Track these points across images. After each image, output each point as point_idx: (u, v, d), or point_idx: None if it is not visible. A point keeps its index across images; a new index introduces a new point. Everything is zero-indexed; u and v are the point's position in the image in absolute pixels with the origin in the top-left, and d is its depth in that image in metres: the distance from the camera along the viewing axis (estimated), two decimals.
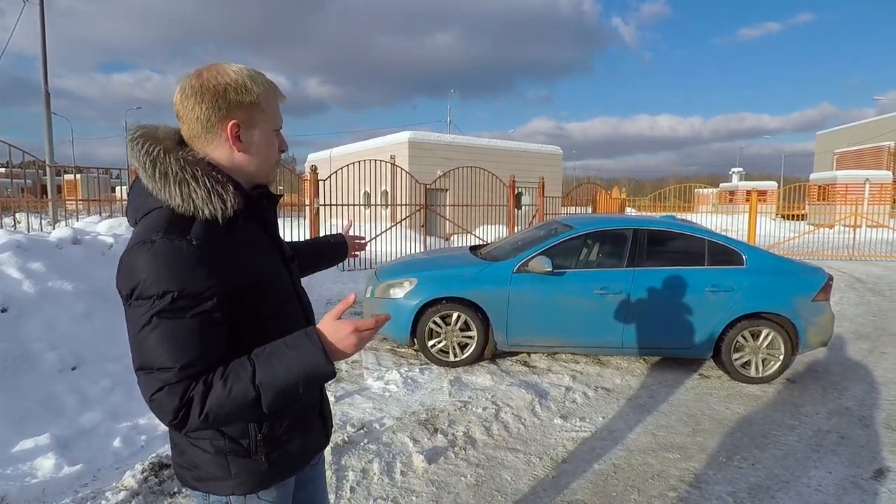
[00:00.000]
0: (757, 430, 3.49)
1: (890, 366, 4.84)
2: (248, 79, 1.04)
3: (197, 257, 0.92)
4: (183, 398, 0.90)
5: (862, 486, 2.82)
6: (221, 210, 0.98)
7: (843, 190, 19.33)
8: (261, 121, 1.06)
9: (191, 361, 0.91)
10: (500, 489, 2.74)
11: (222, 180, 1.01)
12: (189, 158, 1.00)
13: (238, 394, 0.91)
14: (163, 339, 0.90)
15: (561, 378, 4.35)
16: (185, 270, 0.91)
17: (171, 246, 0.92)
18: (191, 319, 0.91)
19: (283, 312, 1.11)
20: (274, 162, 1.13)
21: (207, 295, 0.93)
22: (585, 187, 16.96)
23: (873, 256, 12.86)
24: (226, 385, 0.91)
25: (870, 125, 33.52)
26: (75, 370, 3.49)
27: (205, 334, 0.93)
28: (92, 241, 4.71)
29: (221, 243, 0.98)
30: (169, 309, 0.90)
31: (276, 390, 0.92)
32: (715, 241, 4.56)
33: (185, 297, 0.91)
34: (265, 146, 1.08)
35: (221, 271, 0.96)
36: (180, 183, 0.96)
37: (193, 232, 0.95)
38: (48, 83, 12.72)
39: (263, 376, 0.92)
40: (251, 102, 1.03)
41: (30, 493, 2.43)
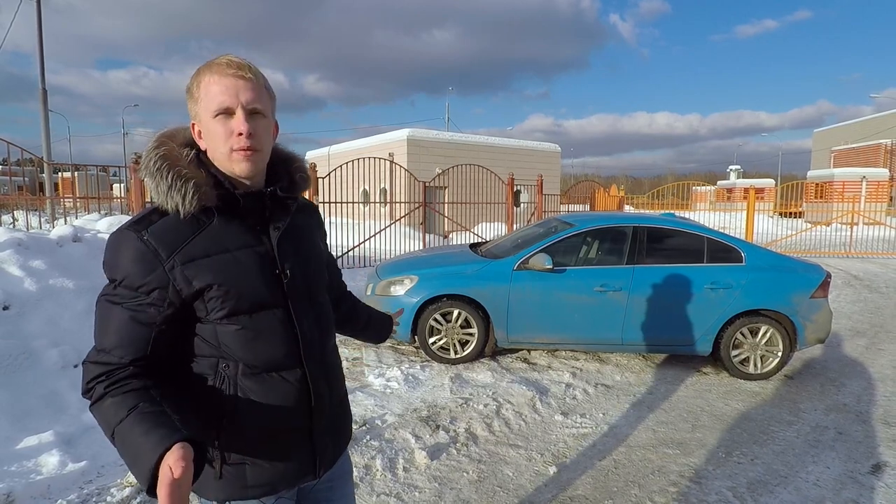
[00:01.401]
0: (756, 426, 3.52)
1: (886, 362, 4.88)
2: (195, 74, 1.01)
3: (141, 252, 0.94)
4: (90, 381, 0.93)
5: (859, 480, 2.85)
6: (179, 204, 0.96)
7: (840, 187, 19.41)
8: (199, 112, 1.00)
9: (108, 348, 0.94)
10: (502, 485, 2.76)
11: (187, 174, 0.98)
12: (165, 154, 0.99)
13: (105, 423, 0.91)
14: (98, 320, 0.97)
15: (561, 375, 4.37)
16: (128, 262, 0.94)
17: (125, 237, 0.96)
18: (122, 309, 0.94)
19: (248, 322, 1.03)
20: (224, 152, 1.00)
21: (145, 290, 0.94)
22: (584, 185, 16.98)
23: (870, 254, 12.92)
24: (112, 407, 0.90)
25: (867, 123, 33.62)
26: (77, 367, 3.50)
27: (130, 328, 0.94)
28: (92, 239, 4.71)
29: (175, 242, 0.96)
30: (110, 294, 0.96)
31: (122, 453, 0.88)
32: (714, 238, 4.58)
33: (124, 287, 0.95)
34: (207, 136, 1.01)
35: (163, 270, 0.95)
36: (153, 176, 0.98)
37: (152, 227, 0.96)
38: (45, 80, 12.67)
39: (119, 432, 0.88)
40: (189, 96, 1.01)
41: (35, 489, 2.45)
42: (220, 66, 0.98)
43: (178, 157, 0.99)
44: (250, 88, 0.99)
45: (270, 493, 1.09)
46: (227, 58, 0.99)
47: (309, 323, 1.12)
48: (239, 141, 0.98)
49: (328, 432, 1.18)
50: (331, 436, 1.19)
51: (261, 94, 1.01)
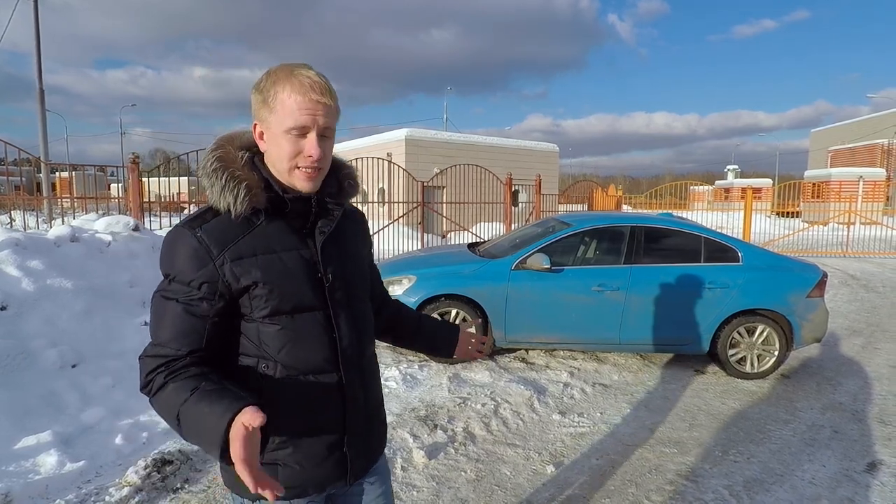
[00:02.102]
0: (752, 424, 3.54)
1: (883, 361, 4.90)
2: (265, 74, 1.02)
3: (194, 248, 0.98)
4: (149, 374, 0.96)
5: (855, 478, 2.87)
6: (230, 204, 1.00)
7: (837, 187, 19.48)
8: (269, 120, 1.01)
9: (164, 342, 0.98)
10: (500, 484, 2.77)
11: (240, 176, 1.01)
12: (223, 154, 1.04)
13: (168, 408, 0.94)
14: (154, 315, 1.01)
15: (559, 374, 4.39)
16: (182, 258, 0.99)
17: (180, 234, 1.00)
18: (176, 304, 0.98)
19: (289, 323, 1.05)
20: (287, 167, 1.02)
21: (196, 284, 0.98)
22: (582, 185, 17.01)
23: (867, 253, 12.96)
24: (173, 392, 0.94)
25: (864, 123, 33.73)
26: (76, 367, 3.50)
27: (184, 321, 0.98)
28: (90, 239, 4.71)
29: (225, 240, 1.00)
30: (165, 289, 1.00)
31: (187, 430, 0.92)
32: (711, 238, 4.60)
33: (177, 282, 0.99)
34: (273, 145, 1.02)
35: (213, 266, 0.99)
36: (209, 176, 1.02)
37: (206, 225, 1.00)
38: (42, 80, 12.64)
39: (184, 412, 0.91)
40: (262, 100, 1.01)
41: (33, 489, 2.45)
42: (302, 85, 0.98)
43: (233, 160, 1.04)
44: (328, 113, 1.01)
45: (300, 495, 1.10)
46: (309, 76, 0.99)
47: (348, 328, 1.13)
48: (307, 161, 1.01)
49: (362, 439, 1.18)
50: (364, 443, 1.19)
51: (334, 118, 1.03)
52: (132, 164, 6.51)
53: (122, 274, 4.51)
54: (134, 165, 6.50)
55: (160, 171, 7.88)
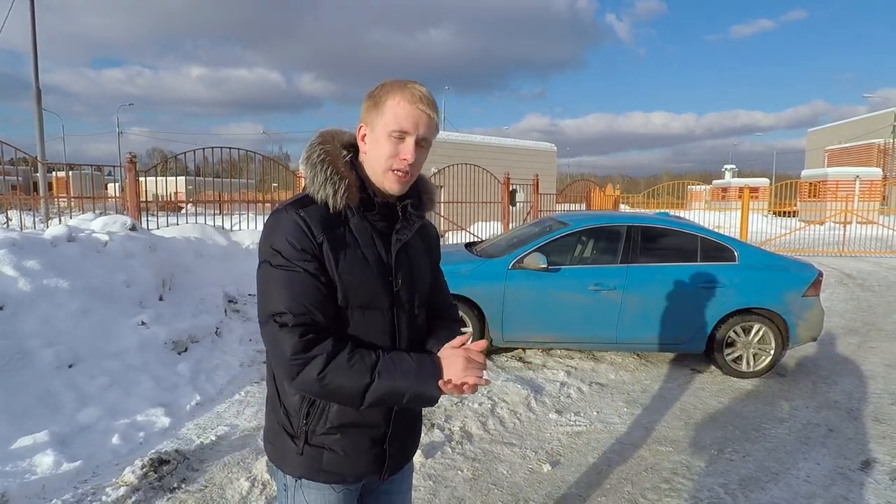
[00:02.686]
0: (748, 423, 3.55)
1: (878, 360, 4.93)
2: (381, 85, 1.11)
3: (299, 226, 1.06)
4: (299, 341, 1.01)
5: (849, 476, 2.89)
6: (330, 198, 1.08)
7: (833, 187, 19.54)
8: (376, 122, 1.09)
9: (301, 307, 1.03)
10: (497, 483, 2.78)
11: (343, 173, 1.10)
12: (329, 150, 1.13)
13: (356, 372, 1.02)
14: (278, 286, 1.04)
15: (556, 373, 4.40)
16: (289, 233, 1.05)
17: (288, 215, 1.08)
18: (300, 273, 1.04)
19: (360, 317, 1.12)
20: (383, 168, 1.10)
21: (308, 255, 1.05)
22: (580, 184, 17.03)
23: (863, 253, 13.01)
24: (350, 360, 1.02)
25: (860, 122, 33.85)
26: (72, 367, 3.49)
27: (309, 286, 1.04)
28: (87, 239, 4.69)
29: (323, 226, 1.08)
30: (283, 262, 1.05)
31: (387, 389, 1.03)
32: (707, 237, 4.61)
33: (288, 254, 1.05)
34: (374, 146, 1.10)
35: (316, 245, 1.07)
36: (312, 167, 1.10)
37: (307, 209, 1.09)
38: (39, 79, 12.60)
39: (384, 370, 1.03)
40: (373, 104, 1.10)
41: (30, 489, 2.45)
42: (413, 95, 1.08)
43: (337, 156, 1.12)
44: (429, 125, 1.10)
45: (339, 482, 1.17)
46: (420, 90, 1.09)
47: (407, 331, 1.20)
48: (401, 163, 1.09)
49: (400, 439, 1.25)
50: (401, 443, 1.26)
51: (433, 131, 1.12)
52: (129, 163, 6.49)
53: (118, 274, 4.50)
54: (131, 165, 6.49)
55: (157, 171, 7.87)
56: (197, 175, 16.31)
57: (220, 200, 9.76)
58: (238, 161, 7.48)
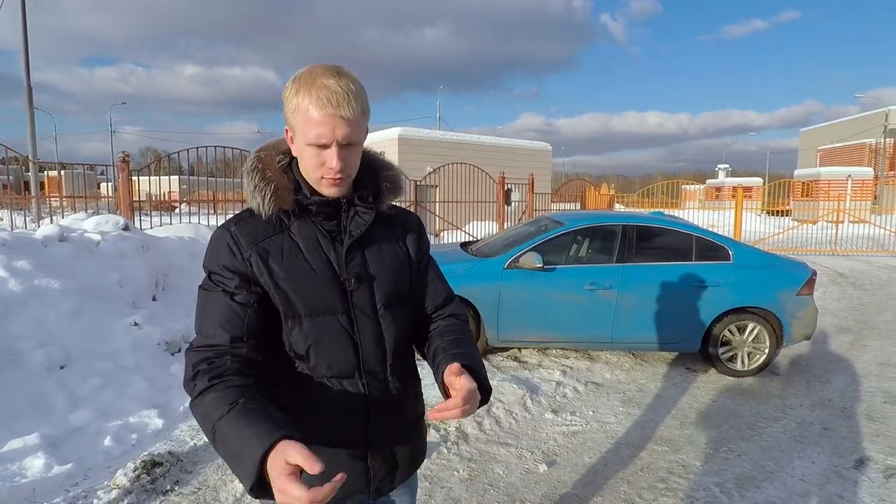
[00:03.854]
0: (743, 422, 3.56)
1: (871, 358, 4.96)
2: (292, 81, 1.01)
3: (227, 243, 1.03)
4: (194, 366, 0.96)
5: (844, 475, 2.90)
6: (259, 205, 1.04)
7: (826, 186, 19.67)
8: (295, 129, 1.02)
9: (209, 332, 0.99)
10: (493, 483, 2.77)
11: (270, 178, 1.05)
12: (262, 157, 1.08)
13: (205, 417, 0.91)
14: (198, 309, 1.04)
15: (551, 373, 4.39)
16: (219, 252, 1.04)
17: (220, 234, 1.06)
18: (218, 294, 1.02)
19: (311, 327, 1.05)
20: (314, 178, 1.04)
21: (229, 275, 1.02)
22: (574, 184, 17.05)
23: (855, 252, 13.11)
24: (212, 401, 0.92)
25: (852, 122, 34.08)
26: (64, 369, 3.45)
27: (225, 309, 1.00)
28: (79, 239, 4.64)
29: (255, 237, 1.04)
30: (206, 283, 1.04)
31: (220, 449, 0.88)
32: (702, 236, 4.63)
33: (216, 273, 1.03)
34: (299, 154, 1.04)
35: (243, 259, 1.03)
36: (245, 177, 1.07)
37: (241, 223, 1.06)
38: (31, 78, 12.48)
39: (218, 429, 0.88)
40: (287, 106, 1.01)
41: (20, 492, 2.42)
42: (320, 99, 0.95)
43: (269, 162, 1.08)
44: (349, 125, 0.98)
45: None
46: (329, 86, 0.96)
47: (371, 334, 1.10)
48: (329, 172, 1.02)
49: (388, 453, 1.13)
50: (390, 457, 1.14)
51: (357, 125, 1.00)
52: (122, 162, 6.44)
53: (111, 274, 4.45)
54: (124, 164, 6.44)
55: (151, 170, 7.81)
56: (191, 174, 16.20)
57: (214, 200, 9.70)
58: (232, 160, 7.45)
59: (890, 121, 30.03)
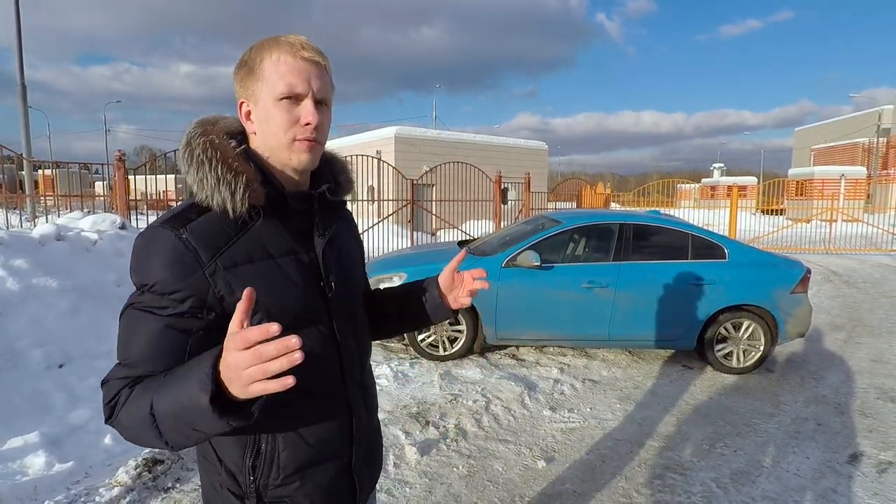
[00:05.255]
0: (738, 418, 3.60)
1: (864, 355, 5.01)
2: (255, 48, 0.89)
3: (178, 253, 0.81)
4: (112, 399, 0.78)
5: (838, 470, 2.94)
6: (229, 201, 0.84)
7: (820, 185, 19.80)
8: (258, 92, 0.87)
9: (135, 361, 0.79)
10: (492, 479, 2.79)
11: (239, 169, 0.86)
12: (216, 141, 0.87)
13: (138, 409, 0.75)
14: (123, 333, 0.82)
15: (549, 371, 4.42)
16: (161, 265, 0.80)
17: (159, 235, 0.82)
18: (154, 318, 0.80)
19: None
20: (284, 142, 0.88)
21: (178, 297, 0.80)
22: (571, 183, 17.10)
23: (848, 250, 13.22)
24: (140, 394, 0.76)
25: (846, 122, 34.32)
26: (62, 367, 3.45)
27: (162, 338, 0.80)
28: (76, 238, 4.64)
29: (218, 244, 0.84)
30: (138, 301, 0.81)
31: (168, 418, 0.73)
32: (698, 235, 4.66)
33: (156, 293, 0.80)
34: (264, 121, 0.88)
35: (204, 275, 0.82)
36: (199, 166, 0.85)
37: (193, 225, 0.83)
38: (24, 76, 12.39)
39: (158, 398, 0.73)
40: (248, 73, 0.88)
41: (21, 490, 2.42)
42: (291, 46, 0.86)
43: (225, 148, 0.87)
44: (322, 76, 0.89)
45: None
46: (298, 38, 0.88)
47: (350, 340, 1.01)
48: (304, 131, 0.87)
49: (366, 461, 1.07)
50: (368, 465, 1.09)
51: (329, 85, 0.91)
52: (118, 161, 6.42)
53: (108, 273, 4.45)
54: (120, 163, 6.42)
55: (146, 169, 7.79)
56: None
57: None
58: None
59: (883, 120, 30.26)
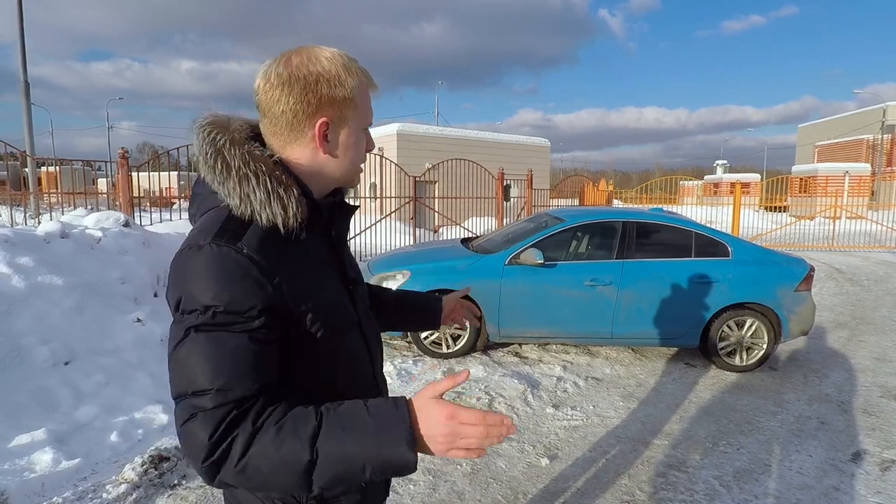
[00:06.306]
0: (741, 416, 3.61)
1: (867, 353, 5.01)
2: (343, 69, 0.88)
3: (245, 268, 0.78)
4: (217, 430, 0.72)
5: (840, 468, 2.95)
6: (281, 217, 0.83)
7: (823, 182, 19.72)
8: (352, 118, 0.90)
9: (230, 384, 0.74)
10: (495, 477, 2.81)
11: (287, 183, 0.85)
12: (256, 154, 0.85)
13: (288, 452, 0.72)
14: (201, 358, 0.75)
15: (552, 368, 4.43)
16: (231, 282, 0.77)
17: (219, 253, 0.78)
18: (234, 336, 0.77)
19: (340, 346, 0.92)
20: (360, 165, 0.95)
21: (254, 313, 0.78)
22: (573, 179, 17.07)
23: (852, 247, 13.18)
24: (278, 434, 0.72)
25: (850, 118, 34.18)
26: (68, 364, 3.47)
27: (249, 354, 0.77)
28: (80, 235, 4.65)
29: (276, 256, 0.83)
30: (210, 324, 0.76)
31: (338, 466, 0.72)
32: (701, 233, 4.66)
33: (229, 312, 0.77)
34: (353, 147, 0.92)
35: (272, 288, 0.80)
36: (241, 179, 0.83)
37: (246, 239, 0.81)
38: (27, 73, 12.40)
39: (327, 443, 0.72)
40: (344, 97, 0.87)
41: (29, 487, 2.44)
42: (368, 76, 0.92)
43: (267, 160, 0.85)
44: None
45: None
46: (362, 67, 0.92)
47: (374, 340, 1.03)
48: (366, 156, 0.96)
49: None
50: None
51: None
52: (121, 158, 6.43)
53: (113, 270, 4.47)
54: (123, 160, 6.43)
55: (150, 166, 7.80)
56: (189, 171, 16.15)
57: None
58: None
59: (887, 117, 30.13)
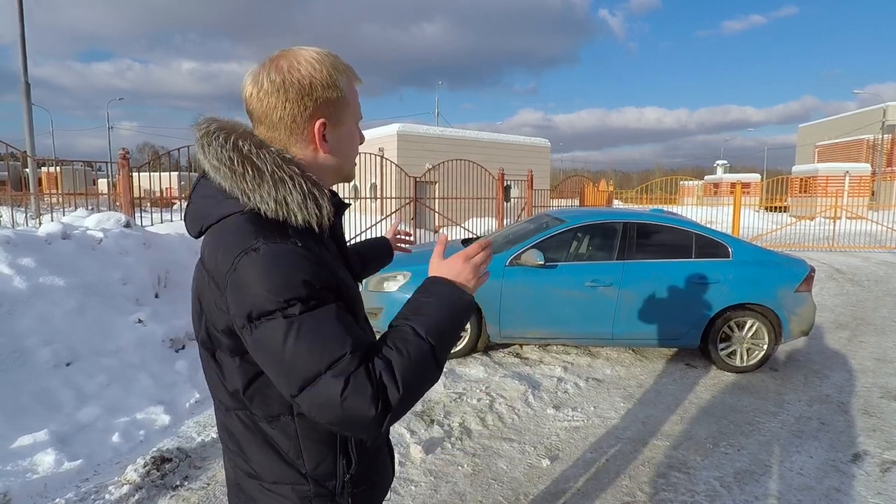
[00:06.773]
0: (742, 417, 3.61)
1: (867, 354, 5.01)
2: (333, 69, 0.90)
3: (310, 259, 0.82)
4: (372, 380, 0.78)
5: (841, 469, 2.95)
6: (316, 216, 0.85)
7: (823, 182, 19.72)
8: (346, 116, 0.93)
9: (356, 343, 0.79)
10: (496, 478, 2.81)
11: (318, 184, 0.88)
12: (287, 157, 0.88)
13: (416, 353, 0.83)
14: (318, 335, 0.78)
15: (553, 369, 4.44)
16: (301, 269, 0.80)
17: (280, 249, 0.80)
18: (330, 308, 0.81)
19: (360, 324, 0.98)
20: (354, 159, 0.99)
21: (332, 286, 0.83)
22: (573, 180, 17.07)
23: (852, 248, 13.18)
24: (401, 352, 0.82)
25: (850, 118, 34.17)
26: (70, 365, 3.48)
27: (347, 316, 0.84)
28: (81, 236, 4.66)
29: (317, 251, 0.87)
30: (309, 309, 0.79)
31: (442, 335, 0.86)
32: (702, 233, 4.66)
33: (313, 292, 0.80)
34: (349, 143, 0.96)
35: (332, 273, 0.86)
36: (277, 182, 0.84)
37: (295, 238, 0.84)
38: (28, 73, 12.41)
39: (426, 328, 0.85)
40: (337, 97, 0.90)
41: (31, 488, 2.45)
42: (353, 73, 0.96)
43: (295, 161, 0.89)
44: None
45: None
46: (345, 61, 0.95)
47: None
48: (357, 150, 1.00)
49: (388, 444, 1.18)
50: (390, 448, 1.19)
51: None
52: (122, 159, 6.44)
53: (114, 271, 4.48)
54: (124, 161, 6.44)
55: (150, 167, 7.81)
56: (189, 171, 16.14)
57: None
58: None
59: (888, 117, 30.13)
